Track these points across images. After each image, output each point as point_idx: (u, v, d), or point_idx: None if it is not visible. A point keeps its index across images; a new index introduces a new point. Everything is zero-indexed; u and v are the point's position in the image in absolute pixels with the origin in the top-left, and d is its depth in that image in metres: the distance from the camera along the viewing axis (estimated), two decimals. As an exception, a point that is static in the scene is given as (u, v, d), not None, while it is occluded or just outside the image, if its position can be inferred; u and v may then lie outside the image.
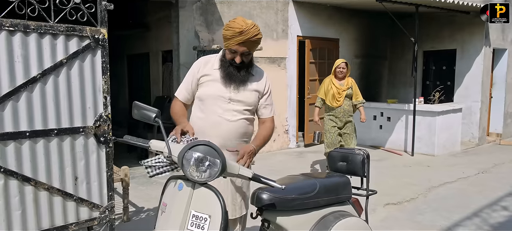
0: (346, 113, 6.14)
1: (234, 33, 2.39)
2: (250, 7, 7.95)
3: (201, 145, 1.91)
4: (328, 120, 6.22)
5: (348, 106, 6.15)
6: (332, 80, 6.17)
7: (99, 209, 3.33)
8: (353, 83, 6.19)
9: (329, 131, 6.18)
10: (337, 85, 6.11)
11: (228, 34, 2.42)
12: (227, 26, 2.45)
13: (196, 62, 2.67)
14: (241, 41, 2.40)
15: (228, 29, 2.43)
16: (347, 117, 6.16)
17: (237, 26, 2.40)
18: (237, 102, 2.54)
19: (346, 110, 6.12)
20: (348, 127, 6.19)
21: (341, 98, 6.06)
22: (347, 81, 6.17)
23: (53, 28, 2.97)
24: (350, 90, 6.14)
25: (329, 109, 6.20)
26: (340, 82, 6.15)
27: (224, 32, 2.46)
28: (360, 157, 2.85)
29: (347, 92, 6.09)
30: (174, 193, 2.03)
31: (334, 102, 6.10)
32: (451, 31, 9.68)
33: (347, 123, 6.19)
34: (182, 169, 1.92)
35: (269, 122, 2.69)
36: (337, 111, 6.12)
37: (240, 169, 2.03)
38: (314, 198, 2.46)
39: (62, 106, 3.08)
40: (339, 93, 6.08)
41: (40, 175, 3.00)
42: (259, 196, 2.33)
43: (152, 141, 2.10)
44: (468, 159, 8.02)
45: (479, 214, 4.79)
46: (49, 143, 3.03)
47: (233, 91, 2.52)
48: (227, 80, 2.51)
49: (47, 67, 2.97)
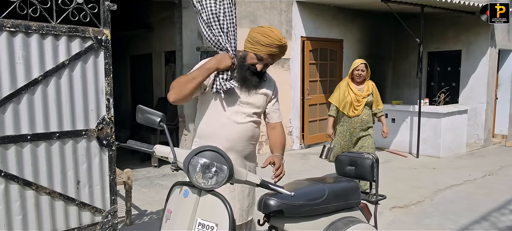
0: (364, 125, 5.10)
1: (272, 43, 2.35)
2: (254, 7, 7.89)
3: (208, 151, 1.85)
4: (342, 132, 5.18)
5: (367, 116, 5.11)
6: (349, 84, 5.13)
7: (102, 214, 3.27)
8: (373, 88, 5.17)
9: (340, 145, 5.16)
10: (355, 91, 5.08)
11: (264, 41, 2.35)
12: (264, 33, 2.37)
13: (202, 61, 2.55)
14: (274, 53, 2.38)
15: (266, 36, 2.35)
16: (365, 130, 5.12)
17: (277, 38, 2.35)
18: (246, 104, 2.49)
19: (364, 120, 5.08)
20: (367, 140, 5.12)
21: (360, 106, 5.06)
22: (367, 85, 5.12)
23: (55, 29, 2.92)
24: (371, 97, 5.12)
25: (343, 119, 5.18)
26: (359, 88, 5.12)
27: (258, 36, 2.36)
28: (369, 161, 2.78)
29: (368, 100, 5.09)
30: (179, 200, 1.96)
31: (351, 112, 5.09)
32: (456, 32, 9.59)
33: (364, 137, 5.12)
34: (188, 175, 1.85)
35: (279, 127, 2.68)
36: (353, 121, 5.09)
37: (247, 175, 1.96)
38: (323, 204, 2.39)
39: (64, 109, 3.02)
40: (358, 101, 5.06)
41: (41, 179, 2.95)
42: (267, 202, 2.26)
43: (156, 146, 2.03)
44: (474, 161, 7.94)
45: (487, 217, 4.71)
46: (51, 146, 2.98)
47: (243, 93, 2.47)
48: (243, 84, 2.45)
49: (49, 69, 2.92)
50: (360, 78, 5.10)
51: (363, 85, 5.16)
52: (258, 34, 2.37)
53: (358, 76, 5.09)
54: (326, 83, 9.36)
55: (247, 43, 2.43)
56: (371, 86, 5.17)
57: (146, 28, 9.13)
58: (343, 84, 5.24)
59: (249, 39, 2.42)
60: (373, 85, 5.20)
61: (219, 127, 2.45)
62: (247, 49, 2.43)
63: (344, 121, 5.17)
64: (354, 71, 5.11)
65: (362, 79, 5.12)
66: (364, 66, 5.09)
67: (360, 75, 5.08)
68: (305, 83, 8.89)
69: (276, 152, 2.54)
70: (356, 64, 5.10)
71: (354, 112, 5.09)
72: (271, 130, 2.68)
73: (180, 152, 1.94)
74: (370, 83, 5.18)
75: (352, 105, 5.08)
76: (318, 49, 9.06)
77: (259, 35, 2.36)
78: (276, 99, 2.68)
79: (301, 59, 8.74)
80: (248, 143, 2.53)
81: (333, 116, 5.26)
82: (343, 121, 5.18)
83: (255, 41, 2.37)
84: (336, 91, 5.27)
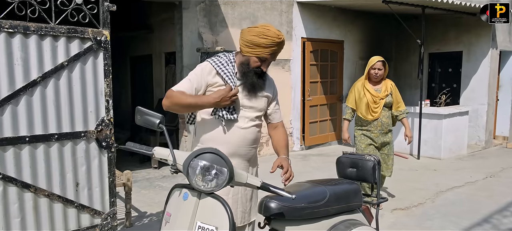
0: (384, 128, 4.72)
1: (272, 42, 2.31)
2: (254, 8, 7.86)
3: (208, 153, 1.82)
4: (361, 136, 4.79)
5: (387, 119, 4.71)
6: (365, 85, 4.70)
7: (101, 216, 3.25)
8: (393, 88, 4.73)
9: (361, 151, 4.74)
10: (372, 91, 4.65)
11: (265, 43, 2.30)
12: (262, 34, 2.31)
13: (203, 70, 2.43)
14: (275, 51, 2.36)
15: (265, 37, 2.31)
16: (386, 133, 4.75)
17: (274, 35, 2.32)
18: (249, 109, 2.46)
19: (384, 123, 4.70)
20: (387, 147, 4.81)
21: (378, 108, 4.63)
22: (385, 85, 4.69)
23: (54, 29, 2.90)
24: (390, 97, 4.68)
25: (361, 122, 4.78)
26: (376, 88, 4.69)
27: (257, 39, 2.30)
28: (371, 163, 2.75)
29: (387, 101, 4.66)
30: (179, 203, 1.94)
31: (369, 115, 4.66)
32: (457, 33, 9.56)
33: (386, 144, 4.80)
34: (188, 178, 1.83)
35: (281, 126, 2.67)
36: (372, 125, 4.70)
37: (248, 177, 1.93)
38: (324, 207, 2.37)
39: (63, 111, 3.00)
40: (375, 103, 4.63)
41: (40, 181, 2.93)
42: (267, 204, 2.23)
43: (155, 148, 2.01)
44: (475, 162, 7.91)
45: (489, 220, 4.68)
46: (50, 148, 2.96)
47: (245, 97, 2.43)
48: (251, 90, 2.42)
49: (48, 70, 2.91)
50: (377, 78, 4.65)
51: (380, 85, 4.71)
52: (256, 37, 2.31)
53: (375, 75, 4.63)
54: (326, 84, 9.34)
55: (246, 47, 2.35)
56: (390, 86, 4.72)
57: (146, 29, 9.11)
58: (358, 85, 4.79)
59: (246, 44, 2.34)
60: (392, 85, 4.75)
61: (222, 132, 2.41)
62: (247, 54, 2.37)
63: (363, 124, 4.75)
64: (370, 70, 4.65)
65: (379, 79, 4.68)
66: (381, 64, 4.62)
67: (377, 74, 4.62)
68: (305, 84, 8.87)
69: (282, 153, 2.51)
70: (372, 62, 4.63)
71: (373, 115, 4.66)
72: (273, 129, 2.66)
73: (179, 154, 1.92)
74: (389, 83, 4.73)
75: (369, 107, 4.66)
76: (318, 50, 9.03)
77: (258, 38, 2.31)
78: (277, 99, 2.66)
79: (302, 60, 8.72)
80: (251, 146, 2.52)
81: (348, 119, 4.87)
82: (361, 124, 4.77)
83: (255, 45, 2.32)
84: (351, 93, 4.84)
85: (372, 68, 4.63)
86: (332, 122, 9.53)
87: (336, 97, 9.55)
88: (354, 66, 9.85)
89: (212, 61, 2.44)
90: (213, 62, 2.42)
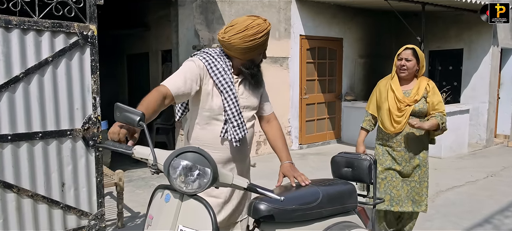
0: (414, 145, 3.38)
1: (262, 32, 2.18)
2: (252, 5, 7.75)
3: (190, 152, 1.71)
4: (383, 153, 3.49)
5: (417, 132, 3.36)
6: (391, 84, 3.42)
7: (88, 217, 3.14)
8: (430, 90, 3.35)
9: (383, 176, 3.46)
10: (398, 93, 3.35)
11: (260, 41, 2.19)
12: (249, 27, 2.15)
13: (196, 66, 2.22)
14: (266, 39, 2.24)
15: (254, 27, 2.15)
16: (416, 153, 3.40)
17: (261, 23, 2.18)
18: (245, 108, 2.32)
19: (411, 140, 3.37)
20: (417, 172, 3.43)
21: (403, 118, 3.32)
22: (419, 85, 3.36)
23: (38, 24, 2.79)
24: (423, 103, 3.32)
25: (382, 135, 3.51)
26: (406, 89, 3.40)
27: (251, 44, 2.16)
28: (367, 162, 2.64)
29: (416, 108, 3.30)
30: (161, 205, 1.83)
31: (390, 125, 3.37)
32: (457, 30, 9.45)
33: (416, 168, 3.42)
34: (168, 178, 1.71)
35: (274, 119, 2.52)
36: (394, 140, 3.40)
37: (234, 178, 1.82)
38: (316, 209, 2.25)
39: (48, 108, 2.89)
40: (399, 110, 3.33)
41: (23, 181, 2.82)
42: (256, 206, 2.12)
43: (136, 147, 1.89)
44: (476, 161, 7.80)
45: (490, 220, 4.57)
46: (33, 147, 2.85)
47: (242, 97, 2.29)
48: (257, 85, 2.31)
49: (31, 66, 2.79)
50: (404, 73, 3.36)
51: (411, 84, 3.42)
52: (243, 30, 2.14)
53: (402, 69, 3.35)
54: (325, 83, 9.23)
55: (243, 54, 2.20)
56: (426, 85, 3.36)
57: (143, 27, 9.02)
58: (382, 84, 3.54)
59: (241, 51, 2.18)
60: (429, 85, 3.37)
61: (219, 137, 2.28)
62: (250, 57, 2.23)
63: (382, 137, 3.51)
64: (397, 62, 3.40)
65: (409, 75, 3.38)
66: (412, 53, 3.33)
67: (404, 67, 3.34)
68: (301, 82, 8.76)
69: (283, 158, 2.38)
70: (401, 50, 3.40)
71: (394, 127, 3.36)
72: (266, 123, 2.51)
73: (161, 153, 1.81)
74: (424, 83, 3.37)
75: (391, 115, 3.38)
76: (316, 48, 8.92)
77: (245, 30, 2.14)
78: (265, 91, 2.50)
79: (300, 58, 8.61)
80: (249, 146, 2.43)
81: (365, 129, 3.60)
82: (382, 137, 3.51)
83: (254, 47, 2.19)
84: (372, 95, 3.61)
85: (398, 59, 3.38)
86: (330, 121, 9.42)
87: (335, 96, 9.44)
88: (354, 64, 9.73)
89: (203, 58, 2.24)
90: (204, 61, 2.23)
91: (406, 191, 3.45)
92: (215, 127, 2.29)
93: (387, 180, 3.45)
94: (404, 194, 3.45)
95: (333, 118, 9.46)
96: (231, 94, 2.22)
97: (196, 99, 2.28)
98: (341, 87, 9.51)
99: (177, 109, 2.51)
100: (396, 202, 3.45)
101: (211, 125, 2.29)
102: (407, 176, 3.43)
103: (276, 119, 2.54)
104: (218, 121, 2.27)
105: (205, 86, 2.23)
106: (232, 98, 2.22)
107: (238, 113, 2.24)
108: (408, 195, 3.45)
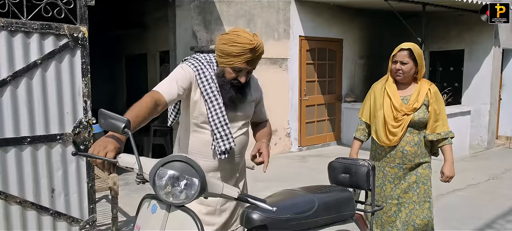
0: (408, 161, 2.97)
1: (243, 50, 2.03)
2: (251, 6, 7.67)
3: (177, 161, 1.63)
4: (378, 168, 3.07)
5: (414, 147, 2.95)
6: (387, 89, 3.00)
7: (79, 224, 3.06)
8: (432, 96, 2.92)
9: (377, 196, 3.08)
10: (395, 99, 2.94)
11: (235, 51, 2.04)
12: (231, 41, 2.05)
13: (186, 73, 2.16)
14: (250, 59, 2.06)
15: (234, 45, 2.04)
16: (410, 169, 3.00)
17: (246, 41, 2.03)
18: (235, 118, 2.26)
19: (407, 154, 2.95)
20: (415, 191, 3.00)
21: (399, 129, 2.91)
22: (419, 90, 2.93)
23: (26, 25, 2.71)
24: (423, 112, 2.91)
25: (375, 147, 3.11)
26: (404, 94, 2.99)
27: (227, 48, 2.05)
28: (365, 168, 2.55)
29: (415, 118, 2.89)
30: (147, 216, 1.75)
31: (385, 137, 2.96)
32: (458, 31, 9.37)
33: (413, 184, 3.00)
34: (154, 189, 1.63)
35: (266, 122, 2.54)
36: (389, 156, 3.00)
37: (223, 188, 1.74)
38: (312, 218, 2.16)
39: (37, 112, 2.81)
40: (396, 120, 2.92)
41: (11, 187, 2.74)
42: (249, 216, 2.03)
43: (121, 155, 1.80)
44: (478, 163, 7.71)
45: (492, 225, 4.49)
46: (22, 152, 2.77)
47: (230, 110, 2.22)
48: (231, 105, 2.19)
49: (19, 68, 2.71)
50: (400, 77, 2.94)
51: (410, 89, 2.99)
52: (225, 45, 2.06)
53: (397, 72, 2.95)
54: (325, 84, 9.15)
55: (219, 57, 2.13)
56: (427, 92, 2.93)
57: (141, 28, 8.96)
58: (378, 87, 3.10)
59: (218, 53, 2.12)
60: (430, 90, 2.94)
61: (210, 145, 2.22)
62: (221, 64, 2.14)
63: (375, 150, 3.11)
64: (392, 65, 2.99)
65: (406, 79, 2.95)
66: (408, 54, 2.89)
67: (400, 71, 2.92)
68: (301, 83, 8.68)
69: (264, 139, 2.34)
70: (395, 52, 2.97)
71: (389, 140, 2.94)
72: (255, 127, 2.52)
73: (147, 162, 1.72)
74: (425, 87, 2.94)
75: (386, 125, 2.95)
76: (315, 49, 8.84)
77: (227, 46, 2.06)
78: (262, 99, 2.48)
79: (300, 59, 8.53)
80: (241, 154, 2.36)
81: (359, 139, 3.18)
82: (375, 150, 3.11)
83: (225, 54, 2.08)
84: (366, 99, 3.17)
85: (393, 62, 2.97)
86: (330, 122, 9.34)
87: (335, 97, 9.36)
88: (354, 65, 9.66)
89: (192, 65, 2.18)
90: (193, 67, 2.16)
91: (404, 216, 2.99)
92: (204, 135, 2.22)
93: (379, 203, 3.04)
94: (402, 219, 2.99)
95: (333, 119, 9.38)
96: (216, 104, 2.15)
97: (186, 104, 2.23)
98: (341, 89, 9.43)
99: (169, 113, 2.45)
100: (387, 229, 3.06)
101: (200, 133, 2.23)
102: (401, 196, 3.00)
103: (268, 122, 2.54)
104: (207, 129, 2.21)
105: (193, 93, 2.17)
106: (216, 108, 2.15)
107: (222, 124, 2.17)
108: (408, 220, 2.99)
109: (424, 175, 3.01)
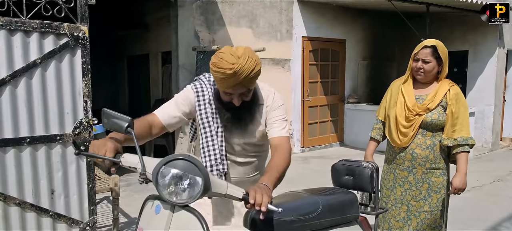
0: (419, 165, 2.79)
1: (224, 75, 1.84)
2: (253, 6, 7.63)
3: (180, 160, 1.58)
4: (384, 173, 2.99)
5: (426, 151, 2.76)
6: (402, 88, 2.87)
7: (79, 225, 3.02)
8: (451, 97, 2.71)
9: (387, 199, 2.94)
10: (409, 98, 2.80)
11: (217, 76, 1.87)
12: (214, 65, 1.86)
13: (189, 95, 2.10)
14: (233, 84, 1.88)
15: (216, 70, 1.85)
16: (422, 173, 2.79)
17: (226, 66, 1.82)
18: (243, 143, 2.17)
19: (418, 158, 2.78)
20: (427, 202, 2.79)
21: (410, 130, 2.77)
22: (437, 90, 2.75)
23: (25, 24, 2.67)
24: (439, 113, 2.72)
25: (388, 148, 2.99)
26: (420, 93, 2.82)
27: (212, 71, 1.89)
28: (368, 170, 2.51)
29: (427, 119, 2.72)
30: (151, 216, 1.70)
31: (396, 137, 2.83)
32: (462, 31, 9.31)
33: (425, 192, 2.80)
34: (157, 188, 1.59)
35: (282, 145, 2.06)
36: (398, 158, 2.87)
37: (228, 188, 1.69)
38: (316, 219, 2.12)
39: (36, 112, 2.77)
40: (407, 120, 2.78)
41: (10, 188, 2.70)
42: (254, 218, 1.99)
43: (124, 155, 1.77)
44: (482, 165, 7.63)
45: (497, 228, 4.43)
46: (21, 152, 2.73)
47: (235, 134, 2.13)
48: (229, 131, 2.10)
49: (19, 68, 2.67)
50: (421, 76, 2.77)
51: (429, 88, 2.81)
52: (211, 68, 1.89)
53: (418, 71, 2.77)
54: (327, 85, 9.10)
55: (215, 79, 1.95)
56: (447, 92, 2.73)
57: (143, 28, 8.93)
58: (396, 85, 2.95)
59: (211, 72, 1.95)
60: (450, 91, 2.73)
61: None
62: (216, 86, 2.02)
63: (389, 150, 2.98)
64: (413, 63, 2.81)
65: (427, 78, 2.78)
66: (431, 52, 2.70)
67: (421, 69, 2.75)
68: (304, 84, 8.64)
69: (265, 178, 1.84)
70: (417, 49, 2.76)
71: (399, 140, 2.81)
72: (273, 150, 2.09)
73: (150, 161, 1.68)
74: (445, 87, 2.74)
75: (397, 124, 2.82)
76: (318, 50, 8.79)
77: (212, 69, 1.89)
78: (275, 109, 2.16)
79: (303, 59, 8.49)
80: (254, 174, 2.28)
81: (375, 138, 3.04)
82: (389, 151, 2.98)
83: (214, 76, 1.91)
84: (384, 98, 3.03)
85: (414, 59, 2.78)
86: (333, 123, 9.28)
87: (338, 98, 9.31)
88: (357, 66, 9.60)
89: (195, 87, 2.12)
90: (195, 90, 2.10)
91: (414, 225, 2.82)
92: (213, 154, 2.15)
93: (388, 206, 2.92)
94: (413, 227, 2.83)
95: (336, 120, 9.32)
96: (208, 131, 2.10)
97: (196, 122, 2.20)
98: (344, 90, 9.38)
99: (188, 131, 2.40)
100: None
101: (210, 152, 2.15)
102: (412, 204, 2.82)
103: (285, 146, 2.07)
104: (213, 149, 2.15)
105: (196, 115, 2.13)
106: (208, 135, 2.10)
107: (215, 150, 2.11)
108: (419, 230, 2.82)
109: (437, 183, 2.79)
